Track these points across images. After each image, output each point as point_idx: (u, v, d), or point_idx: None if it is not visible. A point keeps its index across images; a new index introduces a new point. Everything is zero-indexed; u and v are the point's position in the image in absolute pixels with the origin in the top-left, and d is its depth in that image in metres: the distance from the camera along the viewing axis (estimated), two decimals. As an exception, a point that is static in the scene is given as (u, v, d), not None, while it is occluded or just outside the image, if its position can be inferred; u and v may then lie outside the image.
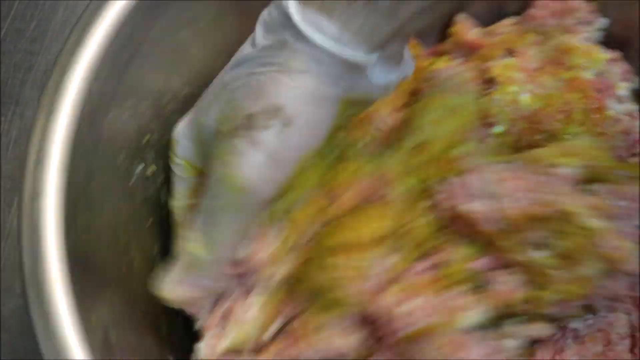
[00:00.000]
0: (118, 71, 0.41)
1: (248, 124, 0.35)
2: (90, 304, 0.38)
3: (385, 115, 0.44)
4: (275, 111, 0.35)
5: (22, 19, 0.54)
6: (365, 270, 0.38)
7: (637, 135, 0.44)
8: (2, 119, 0.52)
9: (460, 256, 0.38)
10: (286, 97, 0.35)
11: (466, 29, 0.49)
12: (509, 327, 0.39)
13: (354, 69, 0.35)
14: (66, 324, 0.36)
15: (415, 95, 0.45)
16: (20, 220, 0.37)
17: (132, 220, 0.43)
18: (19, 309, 0.36)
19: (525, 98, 0.44)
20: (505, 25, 0.49)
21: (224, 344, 0.40)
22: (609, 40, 0.48)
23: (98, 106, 0.40)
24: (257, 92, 0.35)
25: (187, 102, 0.46)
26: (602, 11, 0.48)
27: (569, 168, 0.38)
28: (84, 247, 0.38)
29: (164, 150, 0.46)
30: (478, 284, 0.38)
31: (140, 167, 0.44)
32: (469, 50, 0.49)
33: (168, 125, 0.46)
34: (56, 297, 0.36)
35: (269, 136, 0.35)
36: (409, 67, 0.39)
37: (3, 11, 0.54)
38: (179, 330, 0.46)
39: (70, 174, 0.38)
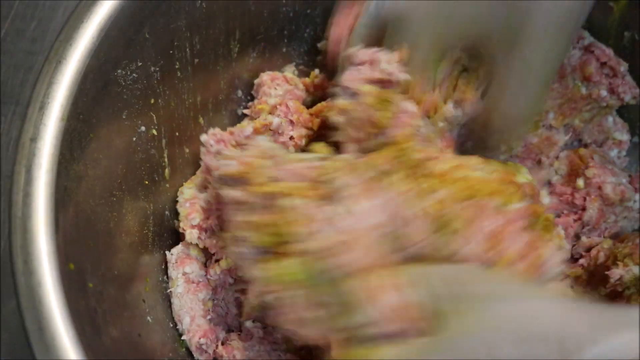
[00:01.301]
0: (129, 31, 0.42)
1: None
2: (72, 247, 0.39)
3: None
4: None
5: (23, 19, 0.55)
6: None
7: None
8: (2, 119, 0.53)
9: None
10: None
11: None
12: None
13: None
14: (45, 264, 0.37)
15: None
16: (16, 161, 0.39)
17: (129, 177, 0.45)
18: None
19: None
20: None
21: None
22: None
23: (105, 61, 0.41)
24: None
25: (196, 71, 0.48)
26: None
27: None
28: (74, 194, 0.40)
29: (170, 115, 0.47)
30: None
31: (143, 127, 0.45)
32: None
33: (176, 92, 0.47)
34: (39, 236, 0.37)
35: None
36: None
37: (3, 11, 0.55)
38: (159, 290, 0.47)
39: (69, 122, 0.39)
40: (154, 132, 0.46)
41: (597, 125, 0.49)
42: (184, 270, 0.48)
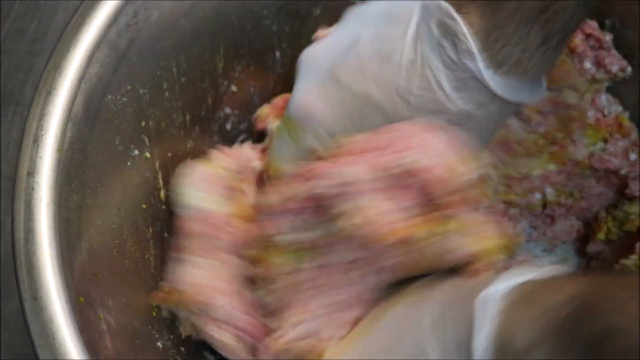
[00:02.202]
0: (117, 55, 0.42)
1: None
2: (79, 280, 0.38)
3: None
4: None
5: (23, 20, 0.54)
6: None
7: None
8: (3, 119, 0.53)
9: None
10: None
11: None
12: None
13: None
14: (54, 300, 0.36)
15: None
16: (15, 196, 0.38)
17: (126, 202, 0.44)
18: (19, 308, 0.37)
19: None
20: None
21: None
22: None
23: (95, 88, 0.41)
24: None
25: (184, 90, 0.47)
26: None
27: None
28: (76, 225, 0.39)
29: (161, 136, 0.47)
30: None
31: (137, 151, 0.45)
32: None
33: (166, 112, 0.47)
34: (46, 272, 0.37)
35: None
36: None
37: (3, 11, 0.54)
38: (166, 314, 0.47)
39: (66, 153, 0.39)
40: (147, 155, 0.46)
41: (591, 104, 0.50)
42: None
